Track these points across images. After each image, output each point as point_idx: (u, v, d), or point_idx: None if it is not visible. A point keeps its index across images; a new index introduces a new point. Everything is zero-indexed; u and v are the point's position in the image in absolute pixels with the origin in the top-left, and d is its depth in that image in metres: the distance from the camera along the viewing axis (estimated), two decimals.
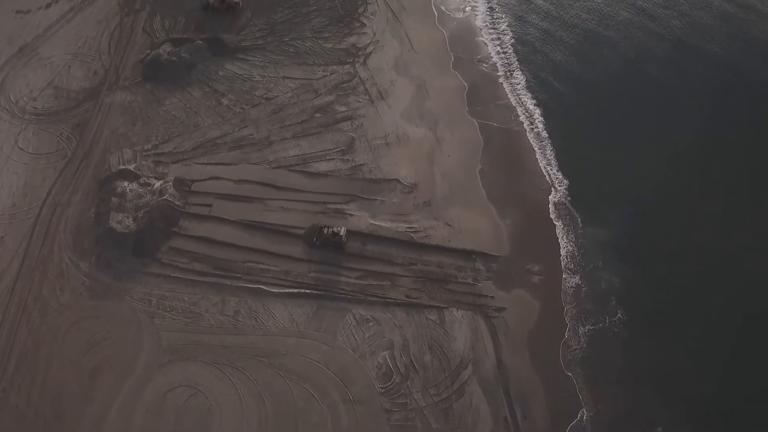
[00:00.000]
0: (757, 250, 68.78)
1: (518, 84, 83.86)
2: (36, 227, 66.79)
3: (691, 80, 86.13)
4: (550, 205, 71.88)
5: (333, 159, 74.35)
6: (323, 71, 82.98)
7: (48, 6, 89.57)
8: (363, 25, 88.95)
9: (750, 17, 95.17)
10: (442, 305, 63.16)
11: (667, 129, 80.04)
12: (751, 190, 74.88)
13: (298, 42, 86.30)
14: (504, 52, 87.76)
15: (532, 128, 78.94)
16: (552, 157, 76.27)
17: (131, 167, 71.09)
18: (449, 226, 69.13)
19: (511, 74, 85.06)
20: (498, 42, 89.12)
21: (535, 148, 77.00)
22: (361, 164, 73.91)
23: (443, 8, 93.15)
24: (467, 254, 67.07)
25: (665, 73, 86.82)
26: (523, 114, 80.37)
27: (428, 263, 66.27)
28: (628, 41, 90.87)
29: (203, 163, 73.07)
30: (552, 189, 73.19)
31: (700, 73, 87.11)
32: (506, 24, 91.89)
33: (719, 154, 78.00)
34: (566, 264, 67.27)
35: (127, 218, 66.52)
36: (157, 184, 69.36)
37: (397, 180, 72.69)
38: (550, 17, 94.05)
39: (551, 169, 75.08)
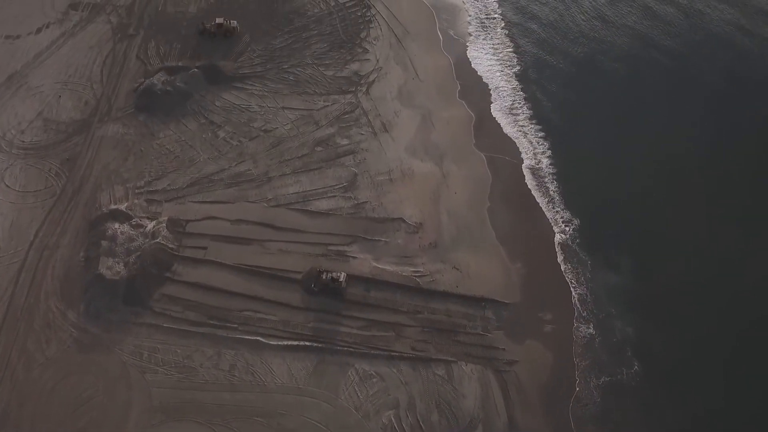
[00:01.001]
0: None
1: (526, 115, 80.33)
2: (22, 273, 63.48)
3: (698, 110, 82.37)
4: (561, 247, 68.37)
5: (334, 196, 70.93)
6: (324, 101, 79.58)
7: (38, 31, 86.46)
8: (365, 50, 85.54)
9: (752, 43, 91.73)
10: (450, 359, 59.67)
11: (676, 163, 76.26)
12: None
13: (298, 69, 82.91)
14: (511, 80, 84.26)
15: (541, 163, 75.52)
16: (562, 193, 72.75)
17: (123, 207, 67.71)
18: (457, 270, 65.69)
19: (520, 104, 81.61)
20: (505, 69, 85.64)
21: (545, 185, 73.62)
22: (363, 202, 70.49)
23: (450, 32, 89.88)
24: (476, 301, 63.62)
25: (670, 103, 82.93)
26: (532, 147, 77.06)
27: (435, 311, 62.83)
28: (634, 70, 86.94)
29: (198, 202, 69.70)
30: (563, 229, 69.69)
31: (706, 102, 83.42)
32: (512, 50, 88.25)
33: (734, 189, 74.48)
34: (579, 312, 63.76)
35: (118, 263, 63.09)
36: (150, 225, 65.96)
37: (402, 219, 69.26)
38: (557, 45, 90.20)
39: (561, 208, 71.56)
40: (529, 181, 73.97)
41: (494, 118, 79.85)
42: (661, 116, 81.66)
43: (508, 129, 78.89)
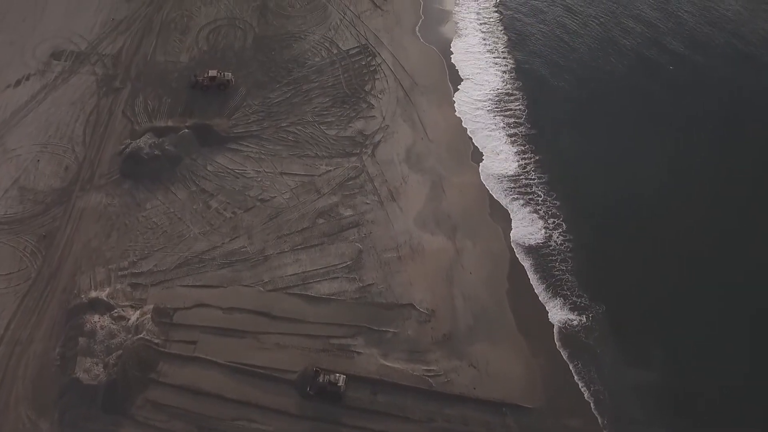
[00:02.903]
0: None
1: (542, 180, 72.72)
2: None
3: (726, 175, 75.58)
4: (586, 338, 61.70)
5: (337, 278, 64.52)
6: (326, 165, 73.13)
7: (18, 83, 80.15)
8: (371, 106, 78.98)
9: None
10: None
11: (705, 239, 69.26)
12: None
13: (298, 128, 76.46)
14: (524, 139, 76.54)
15: (556, 238, 68.33)
16: (584, 273, 65.69)
17: (104, 295, 61.26)
18: (474, 368, 59.23)
19: (534, 168, 73.93)
20: (519, 127, 77.95)
21: (560, 264, 66.43)
22: (369, 284, 64.08)
23: (460, 83, 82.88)
24: (496, 406, 57.14)
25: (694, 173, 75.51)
26: (551, 219, 69.70)
27: (450, 419, 56.33)
28: (653, 125, 79.90)
29: (187, 286, 63.38)
30: (587, 315, 62.94)
31: (729, 153, 76.92)
32: (524, 105, 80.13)
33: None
34: (606, 418, 57.08)
35: (97, 365, 56.74)
36: (133, 317, 59.61)
37: (412, 305, 62.84)
38: (571, 96, 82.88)
39: (585, 289, 64.70)
40: (550, 257, 67.15)
41: (511, 183, 72.95)
42: (688, 184, 74.04)
43: (526, 196, 72.07)
